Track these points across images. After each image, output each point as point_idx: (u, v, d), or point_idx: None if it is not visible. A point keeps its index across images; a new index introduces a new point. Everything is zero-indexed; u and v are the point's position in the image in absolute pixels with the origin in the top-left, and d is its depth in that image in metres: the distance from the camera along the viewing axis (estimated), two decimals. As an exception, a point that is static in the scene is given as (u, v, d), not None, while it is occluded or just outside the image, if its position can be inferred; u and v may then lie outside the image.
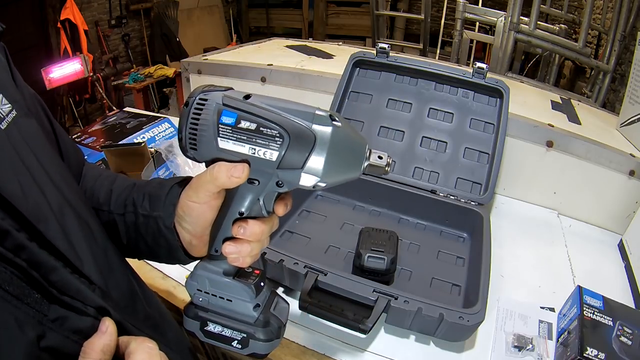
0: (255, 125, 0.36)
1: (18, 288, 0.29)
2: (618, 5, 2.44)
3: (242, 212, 0.40)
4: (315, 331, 0.69)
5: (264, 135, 0.36)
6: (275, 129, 0.36)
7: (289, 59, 1.39)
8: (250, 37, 5.72)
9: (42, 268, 0.31)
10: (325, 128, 0.36)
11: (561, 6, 3.00)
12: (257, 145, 0.36)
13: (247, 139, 0.36)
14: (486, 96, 1.02)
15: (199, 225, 0.42)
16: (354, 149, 0.37)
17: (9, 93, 0.37)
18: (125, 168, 1.05)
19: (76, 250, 0.36)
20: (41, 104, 0.45)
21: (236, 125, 0.36)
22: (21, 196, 0.32)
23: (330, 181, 0.37)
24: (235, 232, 0.40)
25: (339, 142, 0.36)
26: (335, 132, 0.36)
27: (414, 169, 1.01)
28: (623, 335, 0.62)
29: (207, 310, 0.43)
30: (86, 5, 3.74)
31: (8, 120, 0.35)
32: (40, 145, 0.39)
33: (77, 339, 0.32)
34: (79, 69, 3.24)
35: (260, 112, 0.36)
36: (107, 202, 0.48)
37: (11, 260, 0.29)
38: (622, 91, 2.53)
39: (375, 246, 0.77)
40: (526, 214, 1.07)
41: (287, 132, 0.36)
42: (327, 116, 0.36)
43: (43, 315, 0.30)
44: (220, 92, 0.38)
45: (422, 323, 0.67)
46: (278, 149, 0.36)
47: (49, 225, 0.34)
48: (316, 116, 0.36)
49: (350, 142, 0.37)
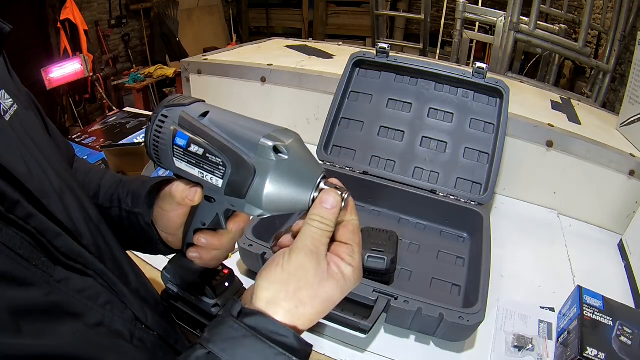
0: (203, 150, 0.36)
1: (28, 251, 0.32)
2: (618, 5, 2.44)
3: (204, 222, 0.42)
4: (315, 331, 0.69)
5: (210, 162, 0.36)
6: (219, 157, 0.35)
7: (289, 59, 1.39)
8: (250, 37, 5.72)
9: (48, 234, 0.34)
10: (267, 162, 0.34)
11: (561, 6, 3.00)
12: (205, 170, 0.37)
13: (196, 163, 0.37)
14: (486, 96, 1.02)
15: (170, 227, 0.46)
16: (300, 183, 0.35)
17: (9, 89, 0.40)
18: (125, 168, 1.05)
19: (76, 224, 0.39)
20: (34, 101, 0.47)
21: (187, 149, 0.37)
22: (28, 175, 0.35)
23: (274, 211, 0.36)
24: (196, 241, 0.43)
25: (280, 176, 0.34)
26: (277, 165, 0.34)
27: (414, 169, 1.01)
28: (623, 335, 0.62)
29: (177, 300, 0.47)
30: (86, 5, 3.74)
31: (11, 113, 0.38)
32: (39, 137, 0.42)
33: (80, 298, 0.35)
34: (79, 69, 3.24)
35: (208, 137, 0.36)
36: (96, 196, 0.51)
37: (22, 226, 0.32)
38: (622, 91, 2.53)
39: (375, 246, 0.77)
40: (526, 214, 1.07)
41: (229, 161, 0.35)
42: (271, 148, 0.34)
43: (50, 276, 0.33)
44: (180, 109, 0.38)
45: (422, 323, 0.67)
46: (222, 177, 0.36)
47: (52, 201, 0.37)
48: (259, 147, 0.34)
49: (295, 177, 0.35)
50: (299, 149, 0.35)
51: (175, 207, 0.43)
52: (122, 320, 0.39)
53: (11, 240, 0.31)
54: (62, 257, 0.35)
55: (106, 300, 0.38)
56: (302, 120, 1.28)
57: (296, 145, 0.35)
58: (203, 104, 0.39)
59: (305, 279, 0.33)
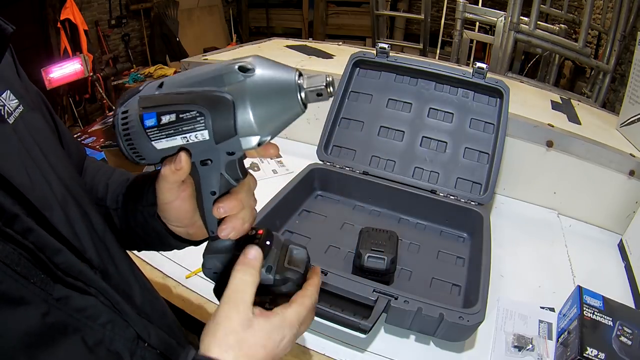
0: (175, 114, 0.34)
1: (25, 268, 0.30)
2: (618, 5, 2.44)
3: (213, 191, 0.39)
4: (315, 331, 0.69)
5: (186, 120, 0.34)
6: (192, 110, 0.34)
7: (289, 59, 1.39)
8: (250, 37, 5.71)
9: (47, 250, 0.33)
10: (239, 85, 0.33)
11: (561, 6, 3.00)
12: (186, 132, 0.35)
13: (174, 131, 0.35)
14: (486, 96, 1.02)
15: (183, 218, 0.43)
16: (280, 88, 0.33)
17: (15, 89, 0.39)
18: (125, 168, 1.04)
19: (79, 237, 0.38)
20: (44, 100, 0.46)
21: (159, 124, 0.35)
22: (29, 185, 0.34)
23: (273, 131, 0.35)
24: (217, 214, 0.40)
25: (259, 90, 0.33)
26: (250, 83, 0.33)
27: (414, 169, 1.01)
28: (623, 335, 0.62)
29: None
30: (86, 5, 3.73)
31: (15, 115, 0.37)
32: (45, 140, 0.41)
33: (80, 317, 0.34)
34: (79, 69, 3.24)
35: (174, 98, 0.34)
36: (104, 197, 0.50)
37: (20, 242, 0.31)
38: (622, 91, 2.53)
39: (375, 246, 0.77)
40: (526, 214, 1.07)
41: (204, 107, 0.33)
42: (236, 70, 0.33)
43: (48, 294, 0.32)
44: (136, 96, 0.37)
45: (422, 323, 0.67)
46: (205, 127, 0.34)
47: (54, 213, 0.36)
48: (225, 76, 0.33)
49: (273, 84, 0.33)
50: (262, 59, 0.34)
51: (175, 193, 0.41)
52: (123, 339, 0.38)
53: (8, 256, 0.29)
54: (62, 275, 0.34)
55: (107, 319, 0.37)
56: (302, 120, 1.27)
57: (259, 58, 0.34)
58: (156, 81, 0.38)
59: (231, 327, 0.37)
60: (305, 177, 0.98)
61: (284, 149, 1.25)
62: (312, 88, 0.34)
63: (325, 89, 0.34)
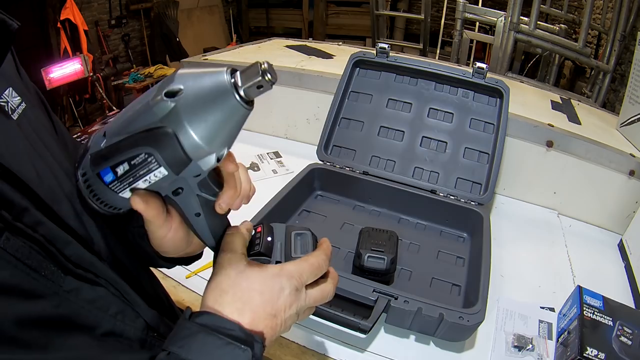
0: (127, 163, 0.33)
1: (36, 261, 0.31)
2: (618, 5, 2.44)
3: (197, 212, 0.39)
4: (315, 331, 0.69)
5: (140, 165, 0.33)
6: (140, 153, 0.32)
7: (289, 59, 1.39)
8: (250, 37, 5.72)
9: (57, 242, 0.33)
10: (171, 112, 0.31)
11: (561, 6, 3.00)
12: (144, 175, 0.34)
13: (133, 178, 0.34)
14: (486, 96, 1.02)
15: (179, 245, 0.42)
16: (214, 96, 0.31)
17: (17, 86, 0.39)
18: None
19: (87, 229, 0.39)
20: (42, 98, 0.46)
21: (117, 176, 0.34)
22: (37, 179, 0.35)
23: (226, 142, 0.33)
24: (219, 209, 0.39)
25: (193, 109, 0.31)
26: (181, 106, 0.31)
27: (414, 169, 1.01)
28: (623, 335, 0.62)
29: None
30: (86, 5, 3.74)
31: (19, 112, 0.37)
32: (48, 136, 0.41)
33: (90, 308, 0.35)
34: (79, 69, 3.24)
35: (119, 148, 0.33)
36: None
37: (30, 235, 0.31)
38: (622, 91, 2.53)
39: (375, 246, 0.77)
40: (526, 214, 1.07)
41: (148, 146, 0.32)
42: (163, 97, 0.31)
43: (59, 286, 0.32)
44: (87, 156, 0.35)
45: (422, 323, 0.67)
46: (158, 165, 0.33)
47: (62, 206, 0.37)
48: (154, 109, 0.31)
49: (205, 95, 0.31)
50: (187, 74, 0.32)
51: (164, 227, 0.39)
52: (134, 329, 0.38)
53: (19, 250, 0.30)
54: (73, 267, 0.34)
55: (117, 309, 0.37)
56: (302, 120, 1.28)
57: (184, 73, 0.32)
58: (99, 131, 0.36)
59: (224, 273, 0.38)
60: (305, 177, 0.98)
61: (284, 149, 1.26)
62: (250, 83, 0.31)
63: (263, 80, 0.31)
